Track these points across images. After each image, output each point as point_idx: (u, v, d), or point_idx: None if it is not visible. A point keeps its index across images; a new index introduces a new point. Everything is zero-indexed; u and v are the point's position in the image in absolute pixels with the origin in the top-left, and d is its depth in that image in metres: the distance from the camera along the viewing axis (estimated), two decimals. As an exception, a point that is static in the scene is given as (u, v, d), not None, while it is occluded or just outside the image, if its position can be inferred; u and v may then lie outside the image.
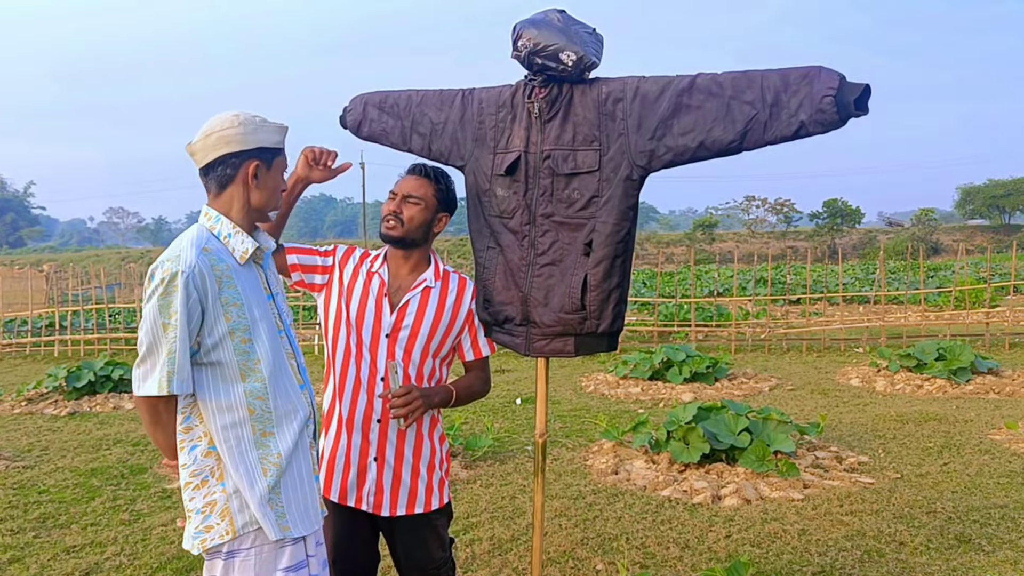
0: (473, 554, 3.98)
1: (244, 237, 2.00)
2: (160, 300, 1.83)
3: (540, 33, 2.33)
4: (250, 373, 1.93)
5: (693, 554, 3.94)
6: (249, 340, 1.94)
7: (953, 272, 21.04)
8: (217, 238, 1.98)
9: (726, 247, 48.57)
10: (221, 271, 1.91)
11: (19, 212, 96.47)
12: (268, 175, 2.02)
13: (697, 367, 8.74)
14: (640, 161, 2.32)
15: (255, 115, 2.01)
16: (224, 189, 1.99)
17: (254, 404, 1.93)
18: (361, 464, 2.43)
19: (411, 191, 2.46)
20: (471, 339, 2.58)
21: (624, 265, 2.40)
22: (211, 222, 2.00)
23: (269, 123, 2.02)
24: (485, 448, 5.82)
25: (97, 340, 13.10)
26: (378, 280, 2.47)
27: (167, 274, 1.84)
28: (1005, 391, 8.00)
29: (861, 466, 5.41)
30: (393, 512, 2.44)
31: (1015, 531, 4.15)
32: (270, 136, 2.01)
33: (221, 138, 1.95)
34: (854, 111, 2.00)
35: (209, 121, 1.99)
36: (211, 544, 1.90)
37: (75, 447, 6.41)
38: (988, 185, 65.18)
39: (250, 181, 1.99)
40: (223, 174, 1.98)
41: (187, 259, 1.86)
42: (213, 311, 1.88)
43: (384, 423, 2.42)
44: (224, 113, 1.99)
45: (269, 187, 2.03)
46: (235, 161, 1.97)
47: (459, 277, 2.58)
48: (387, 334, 2.42)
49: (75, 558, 4.02)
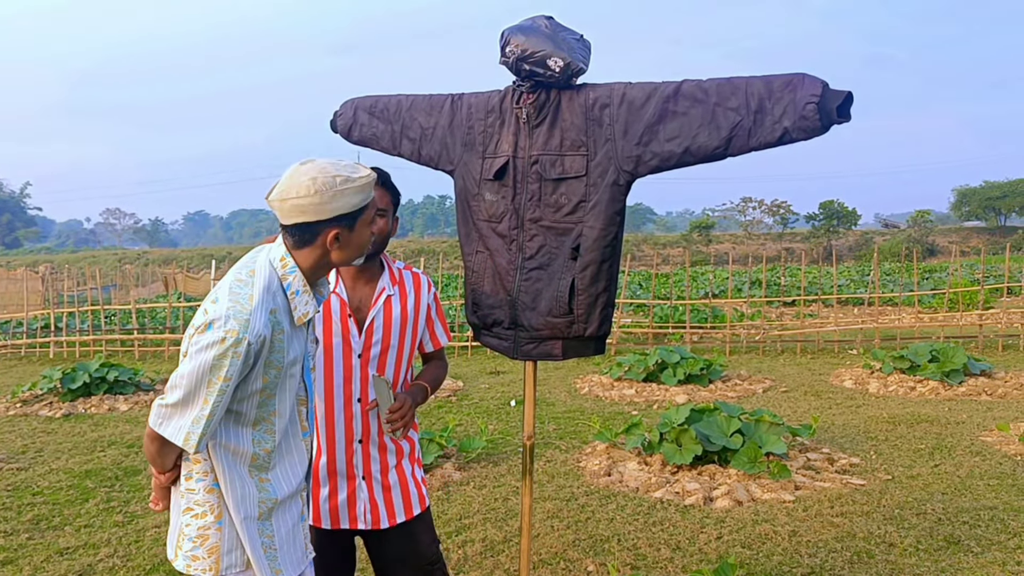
0: (465, 555, 4.00)
1: (310, 299, 1.92)
2: (216, 359, 1.73)
3: (528, 39, 2.35)
4: (262, 422, 1.91)
5: (684, 555, 3.97)
6: (273, 396, 1.90)
7: (948, 274, 21.10)
8: (284, 292, 1.89)
9: (722, 249, 48.62)
10: (276, 336, 1.85)
11: (15, 213, 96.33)
12: (351, 237, 1.90)
13: (691, 369, 8.76)
14: (627, 166, 2.34)
15: (336, 174, 1.82)
16: (303, 247, 1.89)
17: (258, 452, 1.91)
18: (350, 487, 2.41)
19: (383, 204, 2.36)
20: (430, 332, 2.55)
21: (611, 269, 2.42)
22: (284, 271, 1.89)
23: (351, 183, 1.84)
24: (479, 450, 5.83)
25: (93, 342, 13.08)
26: (337, 300, 2.38)
27: (232, 336, 1.73)
28: (997, 393, 8.03)
29: (852, 468, 5.43)
30: (392, 522, 2.44)
31: (1004, 532, 4.18)
32: (350, 200, 1.85)
33: (296, 207, 1.82)
34: (836, 118, 2.02)
35: (289, 178, 1.84)
36: (193, 573, 1.90)
37: (69, 449, 6.41)
38: (984, 187, 65.35)
39: (330, 246, 1.88)
40: (300, 238, 1.87)
41: (256, 327, 1.77)
42: (255, 372, 1.83)
43: (366, 442, 2.40)
44: (302, 174, 1.82)
45: (352, 247, 1.92)
46: (314, 228, 1.85)
47: (412, 274, 2.52)
48: (359, 355, 2.38)
49: (68, 560, 4.03)
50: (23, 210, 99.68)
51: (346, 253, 1.92)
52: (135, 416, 7.84)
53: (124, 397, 8.60)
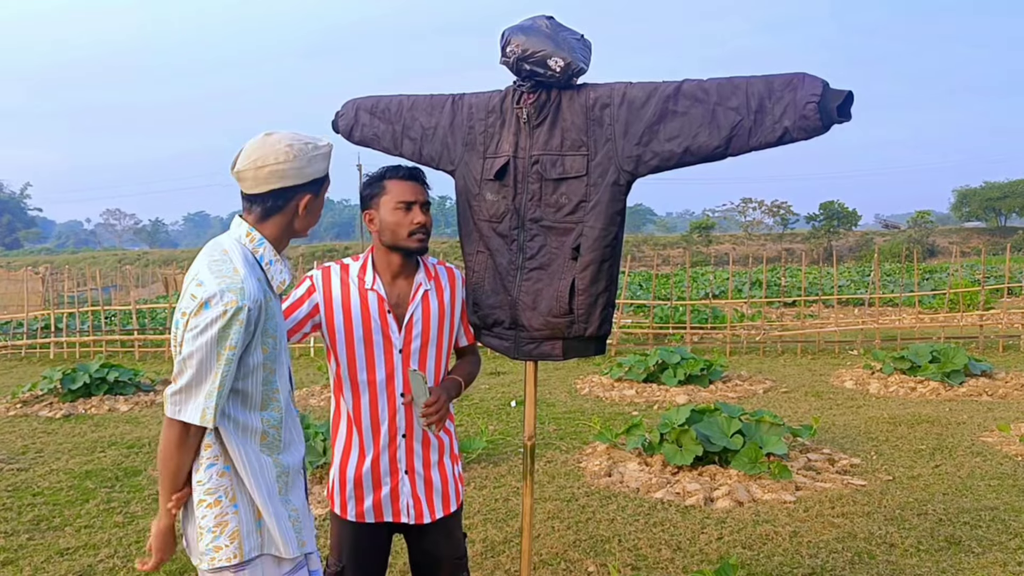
0: (465, 556, 3.99)
1: (283, 267, 1.97)
2: (220, 332, 1.76)
3: (528, 39, 2.35)
4: (270, 402, 1.93)
5: (685, 556, 3.96)
6: (274, 371, 1.93)
7: (948, 274, 21.09)
8: (259, 263, 1.93)
9: (723, 249, 48.64)
10: (268, 302, 1.88)
11: (16, 214, 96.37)
12: (315, 203, 1.99)
13: (691, 369, 8.76)
14: (627, 166, 2.34)
15: (307, 142, 1.92)
16: (270, 216, 1.95)
17: (269, 431, 1.93)
18: (393, 481, 2.45)
19: (424, 198, 2.40)
20: (464, 326, 2.60)
21: (611, 269, 2.42)
22: (254, 244, 1.94)
23: (320, 150, 1.95)
24: (479, 450, 5.84)
25: (93, 342, 13.09)
26: (375, 297, 2.41)
27: (231, 307, 1.76)
28: (998, 393, 8.03)
29: (853, 468, 5.43)
30: (433, 517, 2.49)
31: (1005, 533, 4.17)
32: (320, 165, 1.95)
33: (274, 172, 1.88)
34: (837, 118, 2.02)
35: (258, 148, 1.90)
36: (219, 564, 1.90)
37: (70, 449, 6.41)
38: (984, 188, 65.35)
39: (300, 212, 1.96)
40: (273, 205, 1.93)
41: (250, 292, 1.80)
42: (254, 341, 1.85)
43: (409, 437, 2.44)
44: (277, 141, 1.90)
45: (314, 214, 2.00)
46: (287, 194, 1.92)
47: (447, 269, 2.56)
48: (399, 350, 2.41)
49: (69, 560, 4.03)
50: (23, 211, 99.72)
51: (308, 220, 2.00)
52: (135, 417, 7.84)
53: (124, 398, 8.61)
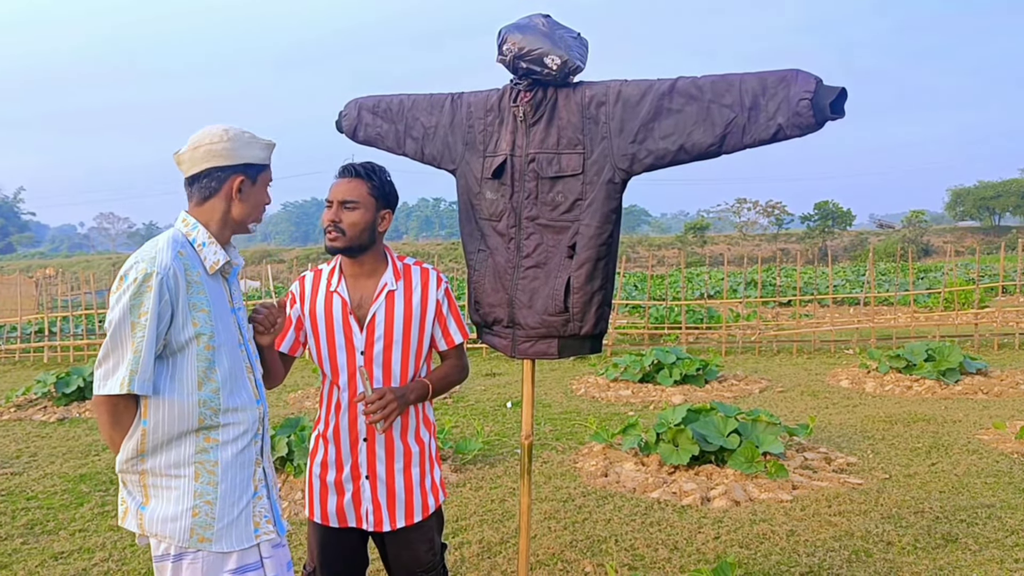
0: (462, 557, 3.98)
1: (217, 248, 2.01)
2: (132, 300, 1.83)
3: (525, 38, 2.35)
4: (207, 382, 1.95)
5: (682, 556, 3.96)
6: (213, 348, 1.95)
7: (943, 273, 21.17)
8: (191, 245, 1.99)
9: (717, 250, 48.72)
10: (192, 277, 1.93)
11: (9, 218, 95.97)
12: (252, 190, 2.04)
13: (687, 369, 8.77)
14: (622, 164, 2.34)
15: (244, 130, 2.03)
16: (206, 200, 2.01)
17: (205, 413, 1.94)
18: (355, 485, 2.42)
19: (346, 196, 2.33)
20: (441, 329, 2.48)
21: (607, 268, 2.42)
22: (187, 228, 2.01)
23: (257, 139, 2.04)
24: (475, 452, 5.82)
25: (87, 346, 13.03)
26: (338, 299, 2.40)
27: (141, 274, 1.84)
28: (993, 391, 8.05)
29: (850, 467, 5.43)
30: (393, 526, 2.43)
31: (1001, 530, 4.18)
32: (257, 152, 2.04)
33: (209, 152, 1.97)
34: (830, 114, 2.02)
35: (199, 133, 2.01)
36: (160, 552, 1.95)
37: (64, 453, 6.38)
38: (978, 187, 65.60)
39: (234, 195, 2.01)
40: (207, 186, 2.00)
41: (162, 260, 1.87)
42: (182, 314, 1.89)
43: (371, 440, 2.40)
44: (214, 126, 2.01)
45: (252, 202, 2.05)
46: (220, 175, 1.99)
47: (420, 269, 2.47)
48: (361, 352, 2.37)
49: (63, 564, 4.01)
50: (17, 215, 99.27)
51: (246, 208, 2.04)
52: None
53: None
